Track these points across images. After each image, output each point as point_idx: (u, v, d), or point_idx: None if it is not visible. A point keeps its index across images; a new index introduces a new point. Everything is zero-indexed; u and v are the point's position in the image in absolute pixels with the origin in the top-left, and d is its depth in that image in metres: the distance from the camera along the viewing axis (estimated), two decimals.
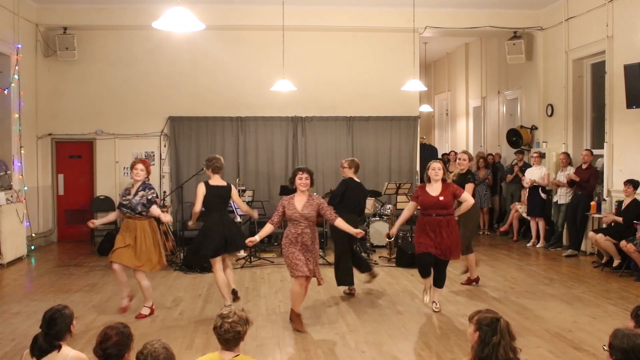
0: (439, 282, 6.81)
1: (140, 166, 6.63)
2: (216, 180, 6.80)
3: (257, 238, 6.18)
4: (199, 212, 6.86)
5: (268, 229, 6.14)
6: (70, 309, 3.64)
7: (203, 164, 7.11)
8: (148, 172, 6.70)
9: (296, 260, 6.01)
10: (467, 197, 6.77)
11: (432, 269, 6.71)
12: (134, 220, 6.54)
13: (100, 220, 7.05)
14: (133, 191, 6.57)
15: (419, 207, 6.78)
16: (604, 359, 3.14)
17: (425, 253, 6.54)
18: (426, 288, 6.85)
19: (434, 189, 6.59)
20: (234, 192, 6.95)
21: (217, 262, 6.65)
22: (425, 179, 6.76)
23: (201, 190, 6.64)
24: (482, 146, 14.83)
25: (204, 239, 6.73)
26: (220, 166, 6.84)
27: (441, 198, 6.50)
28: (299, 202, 6.10)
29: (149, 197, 6.53)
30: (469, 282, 8.05)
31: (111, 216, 6.99)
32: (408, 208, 6.90)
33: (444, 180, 6.61)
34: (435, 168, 6.58)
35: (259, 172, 12.07)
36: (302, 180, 6.11)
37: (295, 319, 6.15)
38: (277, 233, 11.20)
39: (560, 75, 11.26)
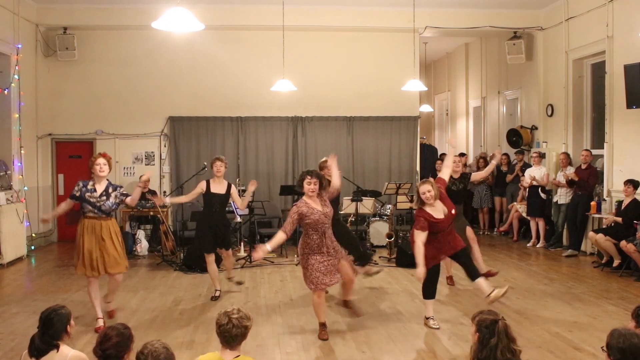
0: (475, 274, 6.09)
1: (102, 160, 6.10)
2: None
3: (268, 248, 5.55)
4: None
5: (280, 238, 5.64)
6: (67, 309, 3.63)
7: (204, 164, 7.29)
8: (110, 167, 6.24)
9: (316, 272, 5.68)
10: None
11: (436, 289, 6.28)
12: (99, 220, 6.08)
13: (52, 213, 6.28)
14: (100, 189, 6.09)
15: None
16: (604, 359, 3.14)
17: (434, 267, 6.05)
18: (429, 313, 6.23)
19: (436, 209, 5.95)
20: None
21: (210, 256, 7.47)
22: (417, 200, 6.04)
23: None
24: (482, 146, 14.83)
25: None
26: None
27: (453, 211, 6.00)
28: (316, 203, 5.76)
29: (123, 193, 6.22)
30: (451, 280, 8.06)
31: (62, 208, 6.41)
32: (422, 240, 5.87)
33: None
34: (425, 192, 5.88)
35: (259, 172, 12.05)
36: (310, 186, 5.71)
37: (320, 328, 5.92)
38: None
39: (560, 75, 11.27)
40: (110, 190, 6.16)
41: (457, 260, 6.20)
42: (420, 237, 5.88)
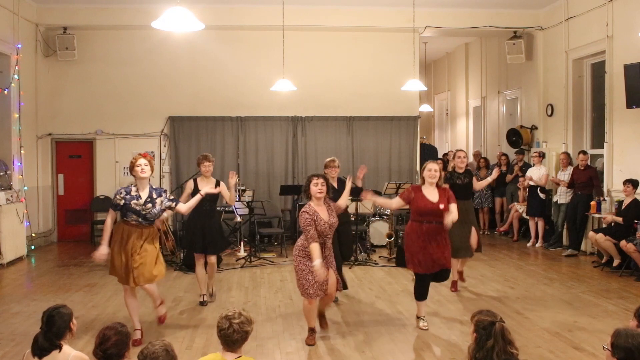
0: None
1: (143, 161, 5.61)
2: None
3: (317, 262, 5.32)
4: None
5: (316, 247, 5.38)
6: (68, 308, 3.64)
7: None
8: (152, 168, 5.72)
9: (303, 280, 5.53)
10: (454, 210, 5.94)
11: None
12: (140, 228, 5.63)
13: (104, 245, 5.63)
14: (145, 195, 5.57)
15: (406, 208, 6.24)
16: (604, 359, 3.14)
17: (424, 275, 6.05)
18: (420, 313, 6.23)
19: (431, 192, 5.96)
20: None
21: (199, 258, 7.21)
22: (419, 180, 6.18)
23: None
24: (482, 146, 14.84)
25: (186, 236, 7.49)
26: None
27: (441, 206, 5.85)
28: (322, 211, 5.56)
29: (167, 203, 5.70)
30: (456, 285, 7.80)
31: (109, 226, 5.65)
32: (396, 201, 6.17)
33: (437, 185, 6.00)
34: (432, 169, 5.96)
35: (259, 172, 12.06)
36: (317, 187, 5.52)
37: (308, 333, 5.81)
38: (277, 233, 11.24)
39: (560, 75, 11.27)
40: (154, 195, 5.61)
41: (436, 275, 6.11)
42: (395, 200, 6.25)
